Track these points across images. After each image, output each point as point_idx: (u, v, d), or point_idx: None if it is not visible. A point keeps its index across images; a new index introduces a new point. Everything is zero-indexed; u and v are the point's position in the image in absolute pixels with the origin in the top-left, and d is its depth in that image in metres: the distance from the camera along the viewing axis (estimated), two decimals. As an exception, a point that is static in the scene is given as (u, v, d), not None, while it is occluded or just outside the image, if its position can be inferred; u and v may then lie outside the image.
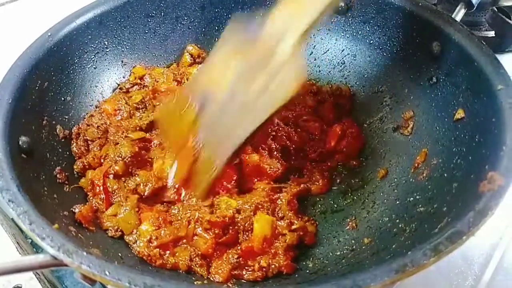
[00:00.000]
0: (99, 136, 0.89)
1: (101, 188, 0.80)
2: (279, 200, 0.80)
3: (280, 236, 0.75)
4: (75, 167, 0.84)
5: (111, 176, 0.82)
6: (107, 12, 0.96)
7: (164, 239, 0.74)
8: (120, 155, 0.83)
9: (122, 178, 0.83)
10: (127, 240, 0.76)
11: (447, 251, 0.51)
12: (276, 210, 0.79)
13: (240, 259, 0.72)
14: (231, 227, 0.74)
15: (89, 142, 0.88)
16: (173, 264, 0.72)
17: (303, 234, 0.77)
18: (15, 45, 0.84)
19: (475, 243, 0.83)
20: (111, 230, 0.76)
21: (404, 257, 0.52)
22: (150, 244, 0.73)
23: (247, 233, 0.75)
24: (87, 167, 0.84)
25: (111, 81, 1.00)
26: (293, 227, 0.76)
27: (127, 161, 0.83)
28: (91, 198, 0.80)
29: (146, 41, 1.04)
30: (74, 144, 0.87)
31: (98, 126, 0.90)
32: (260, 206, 0.77)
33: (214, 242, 0.73)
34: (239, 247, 0.73)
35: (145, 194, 0.80)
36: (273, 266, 0.72)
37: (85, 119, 0.91)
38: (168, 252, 0.73)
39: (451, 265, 0.81)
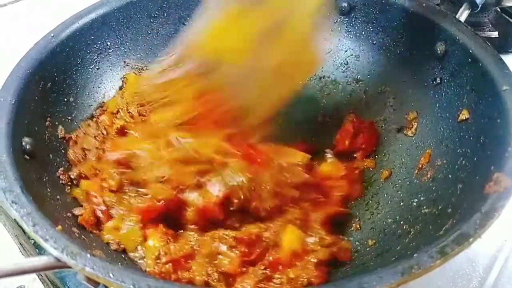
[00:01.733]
0: (96, 146, 0.87)
1: (100, 199, 0.76)
2: (313, 220, 0.75)
3: (312, 252, 0.71)
4: (71, 174, 0.81)
5: (105, 190, 0.78)
6: (110, 12, 0.96)
7: (174, 255, 0.69)
8: (117, 172, 0.79)
9: (119, 193, 0.78)
10: (131, 257, 0.71)
11: (454, 253, 0.51)
12: (309, 229, 0.74)
13: (267, 270, 0.67)
14: (257, 245, 0.70)
15: (86, 151, 0.86)
16: (189, 279, 0.67)
17: (337, 251, 0.72)
18: (18, 46, 0.84)
19: (479, 245, 0.82)
20: (112, 244, 0.72)
21: (410, 259, 0.51)
22: (158, 261, 0.68)
23: (276, 249, 0.70)
24: (83, 176, 0.81)
25: (114, 82, 1.00)
26: (325, 242, 0.72)
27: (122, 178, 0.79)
28: (89, 206, 0.76)
29: (148, 41, 1.03)
30: (71, 151, 0.85)
31: (95, 136, 0.88)
32: (291, 222, 0.73)
33: (241, 260, 0.68)
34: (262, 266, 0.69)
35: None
36: (301, 279, 0.67)
37: (81, 128, 0.89)
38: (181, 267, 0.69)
39: (455, 267, 0.80)
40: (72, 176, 0.81)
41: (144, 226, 0.73)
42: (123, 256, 0.72)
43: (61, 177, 0.79)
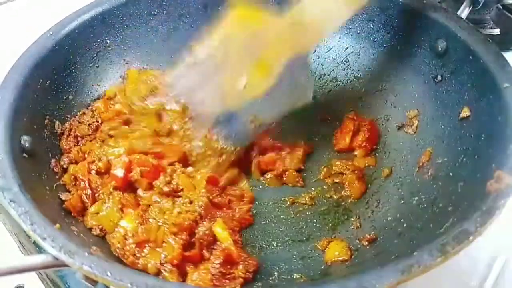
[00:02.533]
0: (90, 133, 0.88)
1: (86, 183, 0.77)
2: None
3: None
4: (62, 163, 0.81)
5: (93, 172, 0.79)
6: (109, 10, 0.96)
7: (141, 237, 0.70)
8: (104, 153, 0.81)
9: (105, 175, 0.80)
10: (107, 239, 0.72)
11: (454, 252, 0.51)
12: None
13: (221, 268, 0.68)
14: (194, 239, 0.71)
15: (79, 139, 0.87)
16: (143, 265, 0.68)
17: None
18: (17, 44, 0.84)
19: (480, 243, 0.82)
20: (95, 229, 0.73)
21: (410, 257, 0.51)
22: (126, 240, 0.70)
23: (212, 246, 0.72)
24: (73, 162, 0.82)
25: (113, 80, 0.99)
26: None
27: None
28: (76, 191, 0.77)
29: (148, 39, 1.03)
30: (64, 139, 0.85)
31: (89, 124, 0.89)
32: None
33: (181, 252, 0.69)
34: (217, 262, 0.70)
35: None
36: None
37: (76, 116, 0.90)
38: (145, 250, 0.70)
39: (455, 265, 0.80)
40: (64, 165, 0.81)
41: (122, 207, 0.75)
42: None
43: (54, 169, 0.79)
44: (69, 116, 0.88)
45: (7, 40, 1.21)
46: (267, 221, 0.83)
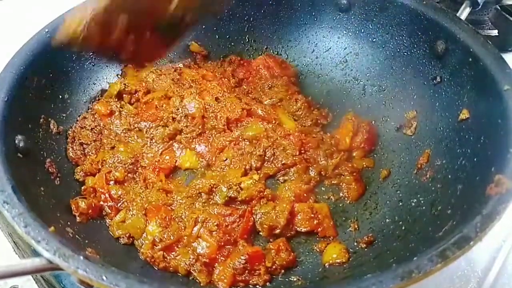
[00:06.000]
0: (94, 139, 0.87)
1: (107, 195, 0.78)
2: None
3: None
4: (77, 176, 0.82)
5: (111, 183, 0.80)
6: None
7: (168, 241, 0.73)
8: (119, 161, 0.82)
9: (125, 184, 0.82)
10: (136, 245, 0.75)
11: (454, 257, 0.50)
12: None
13: (247, 264, 0.70)
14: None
15: (85, 146, 0.86)
16: (175, 267, 0.71)
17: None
18: (12, 42, 0.83)
19: (478, 246, 0.82)
20: (123, 237, 0.75)
21: (409, 262, 0.50)
22: (155, 246, 0.73)
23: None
24: (88, 174, 0.83)
25: (110, 79, 0.98)
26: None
27: (127, 168, 0.82)
28: (96, 202, 0.79)
29: (145, 37, 1.02)
30: (70, 149, 0.85)
31: (92, 129, 0.88)
32: None
33: (217, 245, 0.72)
34: (243, 256, 0.71)
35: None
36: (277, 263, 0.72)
37: (78, 122, 0.89)
38: (173, 253, 0.73)
39: (454, 268, 0.79)
40: (80, 178, 0.82)
41: (146, 213, 0.77)
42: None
43: (49, 169, 0.78)
44: (64, 115, 0.87)
45: (2, 37, 1.20)
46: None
